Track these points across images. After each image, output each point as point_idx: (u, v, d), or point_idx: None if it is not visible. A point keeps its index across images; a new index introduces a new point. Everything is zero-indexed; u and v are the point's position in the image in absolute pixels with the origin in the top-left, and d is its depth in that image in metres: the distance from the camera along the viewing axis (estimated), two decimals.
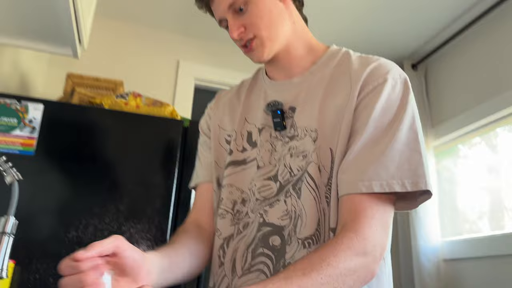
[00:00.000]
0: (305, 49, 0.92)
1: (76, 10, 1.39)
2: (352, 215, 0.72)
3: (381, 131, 0.76)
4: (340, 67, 0.87)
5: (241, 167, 0.90)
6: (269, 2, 0.87)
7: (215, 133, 0.99)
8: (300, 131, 0.84)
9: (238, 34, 0.86)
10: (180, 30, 2.63)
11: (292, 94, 0.89)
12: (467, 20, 2.30)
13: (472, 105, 2.28)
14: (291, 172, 0.82)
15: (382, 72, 0.81)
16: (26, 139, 1.46)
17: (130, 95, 1.70)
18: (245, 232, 0.85)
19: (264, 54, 0.88)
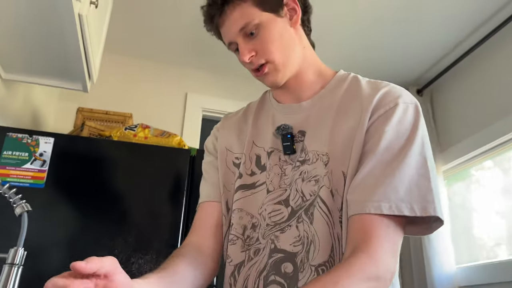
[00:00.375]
0: (315, 74, 0.93)
1: (85, 48, 1.45)
2: (363, 235, 0.71)
3: (391, 154, 0.76)
4: (350, 91, 0.87)
5: (250, 191, 0.89)
6: (280, 27, 0.87)
7: (223, 155, 0.97)
8: (312, 155, 0.83)
9: (249, 58, 0.86)
10: (187, 64, 2.70)
11: (301, 118, 0.89)
12: (471, 43, 2.32)
13: (480, 128, 2.27)
14: (303, 197, 0.81)
15: (394, 96, 0.82)
16: (37, 172, 1.49)
17: (138, 126, 1.74)
18: (256, 258, 0.83)
19: (278, 79, 0.89)
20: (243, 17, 0.85)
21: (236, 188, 0.91)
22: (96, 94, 2.33)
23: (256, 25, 0.85)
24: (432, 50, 2.46)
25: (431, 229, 0.78)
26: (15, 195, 0.98)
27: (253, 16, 0.85)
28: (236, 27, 0.86)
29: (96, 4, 1.37)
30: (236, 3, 0.86)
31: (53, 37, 1.38)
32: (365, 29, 2.31)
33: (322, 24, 2.23)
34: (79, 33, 1.34)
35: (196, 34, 2.35)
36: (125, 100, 2.45)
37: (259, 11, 0.86)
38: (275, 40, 0.86)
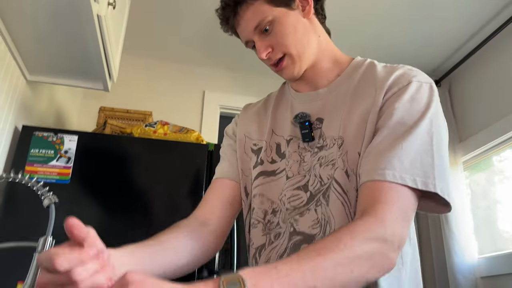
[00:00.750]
0: (331, 62, 0.94)
1: (105, 48, 1.50)
2: (371, 200, 0.71)
3: (401, 128, 0.76)
4: (365, 76, 0.88)
5: (270, 178, 0.91)
6: (293, 20, 0.89)
7: (241, 141, 1.00)
8: (329, 141, 0.85)
9: (266, 55, 0.88)
10: (204, 62, 2.75)
11: (318, 106, 0.90)
12: (489, 32, 2.29)
13: (499, 117, 2.24)
14: (321, 181, 0.83)
15: (408, 76, 0.82)
16: (62, 169, 1.56)
17: (158, 123, 1.79)
18: (276, 242, 0.85)
19: (295, 72, 0.90)
20: (256, 16, 0.87)
21: (257, 174, 0.93)
22: (118, 94, 2.41)
23: (270, 22, 0.87)
24: (449, 40, 2.44)
25: (440, 209, 0.78)
26: (43, 188, 1.04)
27: (265, 13, 0.87)
28: (251, 26, 0.88)
29: (114, 5, 1.42)
30: (248, 3, 0.88)
31: (74, 38, 1.44)
32: (382, 20, 2.31)
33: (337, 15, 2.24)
34: (98, 34, 1.39)
35: (212, 33, 2.40)
36: (145, 99, 2.52)
37: (271, 7, 0.87)
38: (290, 34, 0.88)
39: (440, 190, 0.73)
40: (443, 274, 2.35)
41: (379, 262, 0.65)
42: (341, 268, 0.61)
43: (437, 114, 0.79)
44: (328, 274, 0.60)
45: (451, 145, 2.52)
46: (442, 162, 0.76)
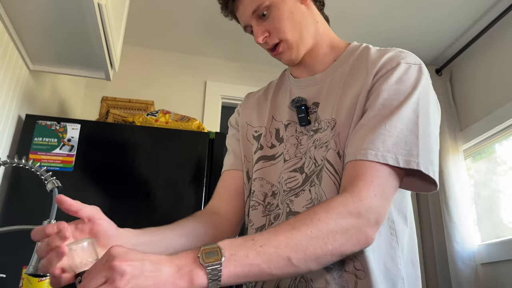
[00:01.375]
0: (328, 47, 0.95)
1: (106, 37, 1.52)
2: (351, 179, 0.73)
3: (387, 109, 0.78)
4: (359, 60, 0.89)
5: (270, 162, 0.94)
6: (290, 5, 0.90)
7: (243, 129, 1.03)
8: (324, 124, 0.87)
9: (262, 39, 0.91)
10: (206, 53, 2.76)
11: (315, 90, 0.93)
12: (488, 21, 2.30)
13: (499, 105, 2.25)
14: (316, 163, 0.85)
15: (398, 58, 0.84)
16: (66, 157, 1.58)
17: (159, 112, 1.80)
18: (276, 223, 0.88)
19: (293, 56, 0.92)
20: (254, 1, 0.89)
21: (257, 159, 0.96)
22: (120, 84, 2.42)
23: (267, 6, 0.89)
24: (449, 29, 2.44)
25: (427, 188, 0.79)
26: (46, 173, 1.06)
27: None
28: (249, 10, 0.90)
29: None
30: None
31: (76, 27, 1.45)
32: (382, 10, 2.31)
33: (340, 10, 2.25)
34: (99, 22, 1.40)
35: (213, 23, 2.41)
36: (147, 89, 2.54)
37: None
38: (287, 19, 0.89)
39: (424, 167, 0.74)
40: (444, 261, 2.37)
41: (354, 236, 0.67)
42: (314, 241, 0.63)
43: (426, 94, 0.81)
44: (301, 246, 0.62)
45: (452, 133, 2.53)
46: (428, 141, 0.77)
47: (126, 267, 0.53)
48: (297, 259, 0.62)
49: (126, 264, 0.53)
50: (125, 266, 0.53)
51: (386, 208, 0.73)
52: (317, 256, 0.63)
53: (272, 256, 0.60)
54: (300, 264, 0.62)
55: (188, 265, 0.56)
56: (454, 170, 2.42)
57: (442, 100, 2.60)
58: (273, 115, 0.99)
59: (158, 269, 0.54)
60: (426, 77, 0.83)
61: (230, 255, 0.58)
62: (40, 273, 0.96)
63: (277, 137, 0.95)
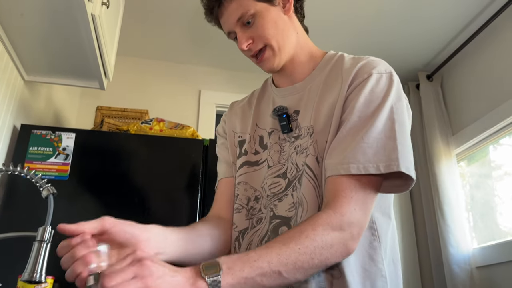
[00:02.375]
0: (307, 57, 0.99)
1: (100, 47, 1.54)
2: (333, 195, 0.78)
3: (364, 120, 0.82)
4: (335, 68, 0.94)
5: (253, 168, 0.98)
6: (274, 15, 0.94)
7: (231, 137, 1.07)
8: (304, 131, 0.91)
9: (246, 46, 0.94)
10: (200, 62, 2.79)
11: (295, 99, 0.97)
12: (476, 27, 2.33)
13: (490, 108, 2.28)
14: (297, 168, 0.89)
15: (369, 67, 0.87)
16: (61, 166, 1.59)
17: (154, 120, 1.82)
18: (258, 226, 0.91)
19: (275, 63, 0.96)
20: (240, 8, 0.92)
21: (241, 164, 0.99)
22: (115, 93, 2.45)
23: (252, 15, 0.92)
24: (438, 35, 2.48)
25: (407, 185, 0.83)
26: (41, 180, 1.07)
27: (248, 6, 0.92)
28: (234, 17, 0.93)
29: (108, 5, 1.46)
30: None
31: (70, 37, 1.48)
32: (372, 19, 2.35)
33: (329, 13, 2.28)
34: (93, 33, 1.43)
35: (206, 33, 2.44)
36: (142, 98, 2.56)
37: (254, 1, 0.93)
38: (271, 27, 0.93)
39: (404, 168, 0.78)
40: (439, 265, 2.38)
41: (338, 250, 0.73)
42: (302, 257, 0.70)
43: (398, 99, 0.85)
44: (291, 260, 0.69)
45: (445, 138, 2.56)
46: (405, 144, 0.81)
47: (154, 268, 0.61)
48: (287, 272, 0.69)
49: (154, 265, 0.61)
50: (153, 267, 0.61)
51: (366, 220, 0.78)
52: (305, 269, 0.71)
53: (265, 270, 0.67)
54: (289, 276, 0.69)
55: (193, 277, 0.63)
56: (447, 174, 2.45)
57: (433, 105, 2.63)
58: (256, 122, 1.02)
59: (175, 275, 0.62)
60: (397, 83, 0.87)
61: (227, 268, 0.65)
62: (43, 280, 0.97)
63: (261, 144, 0.99)
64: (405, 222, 2.67)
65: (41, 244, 1.00)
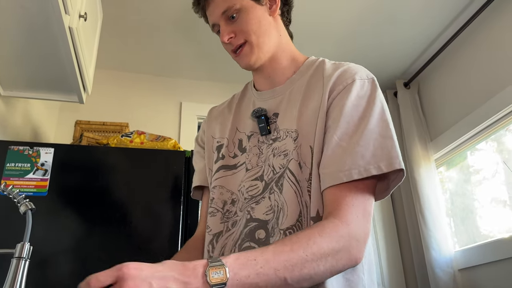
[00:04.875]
0: (288, 60, 1.00)
1: (78, 60, 1.53)
2: (335, 204, 0.77)
3: (353, 125, 0.82)
4: (316, 73, 0.95)
5: (232, 171, 0.97)
6: (259, 13, 0.96)
7: (209, 143, 1.07)
8: (282, 133, 0.91)
9: (228, 39, 0.95)
10: (180, 74, 2.79)
11: (276, 102, 0.97)
12: (450, 34, 2.40)
13: (466, 113, 2.34)
14: (274, 170, 0.89)
15: (351, 73, 0.89)
16: (39, 181, 1.56)
17: (134, 133, 1.81)
18: (233, 229, 0.91)
19: (252, 60, 0.96)
20: (226, 2, 0.94)
21: (217, 168, 0.99)
22: (95, 107, 2.42)
23: (237, 10, 0.94)
24: (414, 44, 2.54)
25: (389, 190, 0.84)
26: (19, 195, 1.05)
27: (235, 1, 0.94)
28: (219, 10, 0.95)
29: (85, 18, 1.46)
30: None
31: (47, 51, 1.46)
32: (349, 28, 2.39)
33: (309, 27, 2.32)
34: (71, 46, 1.42)
35: (186, 45, 2.44)
36: (122, 111, 2.54)
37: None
38: (254, 24, 0.95)
39: (403, 165, 0.80)
40: (423, 269, 2.41)
41: (345, 258, 0.72)
42: (309, 263, 0.68)
43: (384, 103, 0.87)
44: (297, 267, 0.68)
45: (423, 143, 2.60)
46: (396, 142, 0.83)
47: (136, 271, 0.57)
48: (292, 279, 0.67)
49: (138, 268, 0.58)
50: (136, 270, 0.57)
51: (369, 226, 0.78)
52: (310, 276, 0.69)
53: (271, 277, 0.66)
54: (294, 283, 0.68)
55: (196, 282, 0.60)
56: (427, 179, 2.49)
57: (411, 112, 2.68)
58: (236, 126, 1.03)
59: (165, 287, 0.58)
60: (379, 88, 0.89)
61: (233, 274, 0.63)
62: None
63: (240, 147, 0.99)
64: (388, 228, 2.69)
65: (19, 261, 0.97)
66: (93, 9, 1.72)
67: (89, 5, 1.59)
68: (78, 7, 1.41)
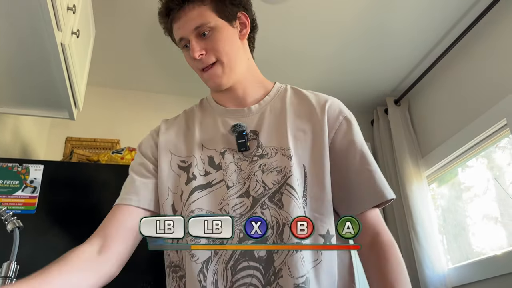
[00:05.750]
0: (258, 83, 1.04)
1: (70, 76, 1.52)
2: (377, 225, 0.90)
3: (364, 156, 0.95)
4: (297, 98, 1.02)
5: (207, 190, 0.91)
6: (231, 34, 0.97)
7: (166, 158, 0.97)
8: (269, 150, 0.92)
9: (199, 55, 0.93)
10: (171, 91, 2.80)
11: (252, 120, 0.98)
12: (440, 51, 2.44)
13: (456, 130, 2.36)
14: (265, 186, 0.88)
15: (341, 108, 1.00)
16: (28, 199, 1.53)
17: (125, 150, 1.80)
18: (221, 252, 0.85)
19: (223, 81, 0.96)
20: (200, 18, 0.93)
21: (191, 190, 0.92)
22: (86, 123, 2.40)
23: (211, 28, 0.94)
24: (404, 62, 2.58)
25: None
26: (6, 213, 1.03)
27: (209, 18, 0.94)
28: (192, 25, 0.94)
29: (78, 34, 1.46)
30: (196, 3, 0.94)
31: (38, 67, 1.45)
32: (341, 48, 2.42)
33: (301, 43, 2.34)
34: (62, 62, 1.41)
35: (175, 62, 2.45)
36: (113, 128, 2.52)
37: (215, 16, 0.95)
38: (226, 45, 0.95)
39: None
40: (416, 286, 2.39)
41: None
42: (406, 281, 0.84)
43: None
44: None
45: (415, 160, 2.61)
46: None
47: None
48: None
49: None
50: None
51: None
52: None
53: None
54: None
55: None
56: (419, 196, 2.49)
57: (402, 129, 2.70)
58: (203, 143, 0.98)
59: None
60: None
61: None
62: None
63: (211, 164, 0.94)
64: None
65: (5, 281, 0.95)
66: (86, 26, 1.72)
67: (82, 22, 1.60)
68: (71, 24, 1.41)
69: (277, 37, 2.27)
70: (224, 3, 0.97)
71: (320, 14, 2.18)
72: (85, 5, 1.66)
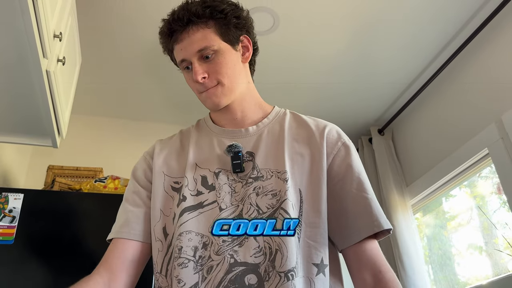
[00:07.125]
0: (256, 105, 1.04)
1: (54, 104, 1.50)
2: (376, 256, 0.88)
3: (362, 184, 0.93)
4: (295, 122, 1.01)
5: (198, 211, 0.89)
6: (234, 58, 0.97)
7: (160, 181, 0.97)
8: (265, 173, 0.90)
9: (201, 78, 0.93)
10: (155, 119, 2.79)
11: (249, 141, 0.97)
12: (423, 81, 2.49)
13: (440, 159, 2.39)
14: (259, 210, 0.86)
15: (340, 134, 1.00)
16: (6, 229, 1.48)
17: (108, 178, 1.76)
18: (209, 276, 0.82)
19: (222, 101, 0.96)
20: (204, 40, 0.93)
21: (180, 212, 0.90)
22: (68, 151, 2.36)
23: (214, 51, 0.94)
24: (387, 92, 2.63)
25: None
26: None
27: (213, 41, 0.94)
28: (195, 47, 0.93)
29: (64, 62, 1.45)
30: (200, 26, 0.94)
31: (23, 94, 1.43)
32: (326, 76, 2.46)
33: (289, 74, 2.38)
34: (47, 89, 1.40)
35: (162, 90, 2.45)
36: (96, 156, 2.49)
37: (219, 39, 0.95)
38: (229, 68, 0.95)
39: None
40: None
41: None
42: None
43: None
44: None
45: (399, 189, 2.63)
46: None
47: None
48: None
49: None
50: None
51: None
52: None
53: None
54: None
55: None
56: (404, 226, 2.49)
57: (386, 158, 2.73)
58: (196, 163, 0.96)
59: None
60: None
61: None
62: None
63: (204, 184, 0.92)
64: None
65: None
66: (72, 54, 1.72)
67: (68, 50, 1.59)
68: (57, 51, 1.41)
69: (267, 67, 2.30)
70: (228, 26, 0.97)
71: (307, 47, 2.23)
72: (71, 33, 1.67)
